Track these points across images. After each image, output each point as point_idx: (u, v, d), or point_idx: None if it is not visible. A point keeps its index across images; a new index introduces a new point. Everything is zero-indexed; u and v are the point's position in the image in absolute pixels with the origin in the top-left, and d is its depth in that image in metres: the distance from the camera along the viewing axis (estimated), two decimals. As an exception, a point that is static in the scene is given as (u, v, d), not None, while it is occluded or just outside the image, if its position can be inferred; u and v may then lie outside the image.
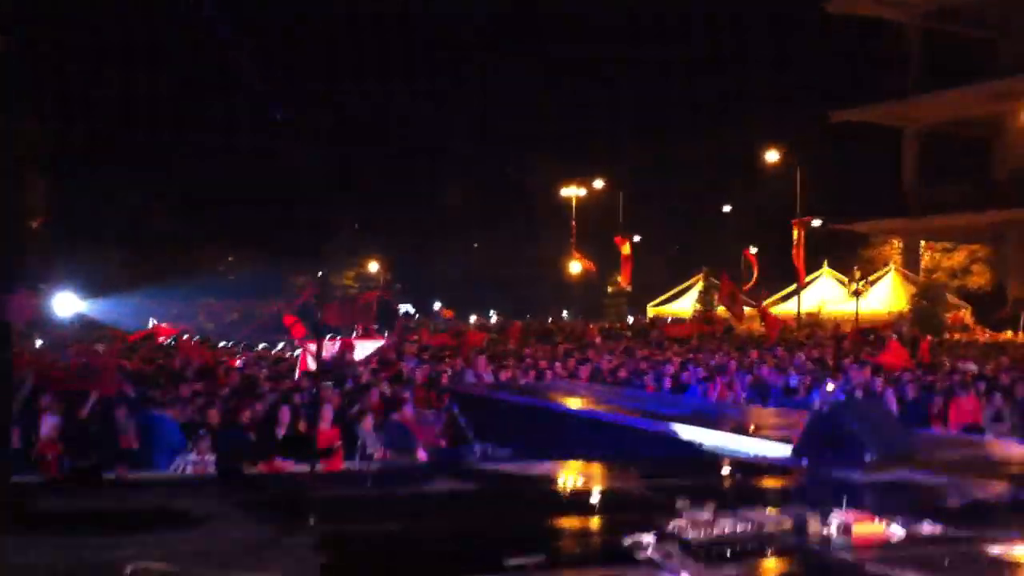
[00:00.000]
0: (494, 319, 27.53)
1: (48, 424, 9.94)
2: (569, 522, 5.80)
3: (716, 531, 5.10)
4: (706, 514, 5.38)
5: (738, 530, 5.16)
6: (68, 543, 4.78)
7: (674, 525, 5.17)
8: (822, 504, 5.65)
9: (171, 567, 4.33)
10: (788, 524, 5.27)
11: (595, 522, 5.74)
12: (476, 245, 52.67)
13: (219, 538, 4.93)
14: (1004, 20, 32.70)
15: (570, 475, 7.22)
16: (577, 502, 6.44)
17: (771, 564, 4.70)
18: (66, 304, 30.02)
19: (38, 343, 19.98)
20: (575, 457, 7.93)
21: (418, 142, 52.98)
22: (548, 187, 46.19)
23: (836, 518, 5.31)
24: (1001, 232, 33.25)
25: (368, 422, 11.22)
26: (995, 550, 4.96)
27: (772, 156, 38.84)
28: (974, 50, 35.33)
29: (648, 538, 4.92)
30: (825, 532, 5.16)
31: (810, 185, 33.89)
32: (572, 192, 42.81)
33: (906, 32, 36.19)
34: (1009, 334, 22.14)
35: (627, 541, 4.92)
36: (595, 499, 6.17)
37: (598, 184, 44.14)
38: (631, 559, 4.67)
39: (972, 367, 16.26)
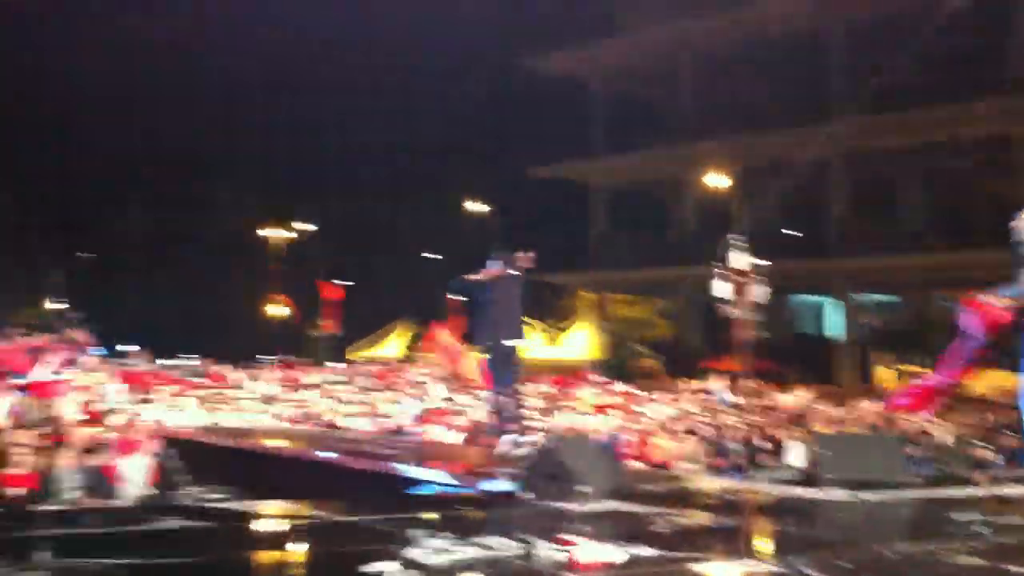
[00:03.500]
0: (193, 361, 26.61)
1: None
2: (307, 554, 5.85)
3: (454, 558, 5.32)
4: (442, 542, 5.60)
5: (474, 556, 5.41)
6: None
7: (413, 553, 5.36)
8: (549, 532, 6.03)
9: None
10: (520, 550, 5.57)
11: (333, 553, 5.80)
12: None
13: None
14: (678, 84, 35.15)
15: (298, 511, 7.22)
16: (312, 535, 6.48)
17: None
18: None
19: None
20: (298, 496, 7.91)
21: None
22: (245, 227, 45.59)
23: (563, 544, 5.69)
24: (677, 287, 35.69)
25: (65, 462, 10.66)
26: (700, 569, 5.50)
27: (474, 207, 40.21)
28: (655, 111, 37.74)
29: (390, 566, 5.07)
30: (554, 557, 5.50)
31: (511, 237, 35.17)
32: (275, 232, 42.45)
33: (591, 90, 38.22)
34: (694, 383, 23.94)
35: (368, 569, 5.05)
36: (330, 532, 6.21)
37: (300, 226, 43.98)
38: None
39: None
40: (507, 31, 38.40)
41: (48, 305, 38.29)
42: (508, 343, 10.73)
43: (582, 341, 33.85)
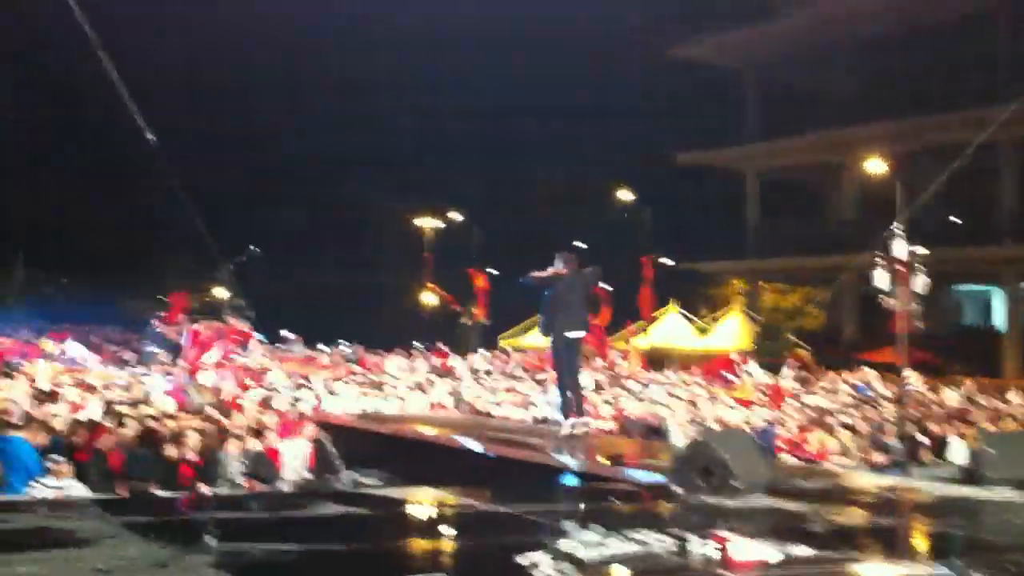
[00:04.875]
0: (347, 348, 27.26)
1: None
2: (459, 543, 5.94)
3: (607, 552, 5.32)
4: (595, 535, 5.60)
5: (628, 551, 5.40)
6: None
7: (566, 545, 5.38)
8: (702, 527, 5.97)
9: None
10: (673, 546, 5.53)
11: (486, 543, 5.87)
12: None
13: (115, 556, 4.87)
14: (835, 68, 34.27)
15: (451, 499, 7.33)
16: (465, 524, 6.58)
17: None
18: None
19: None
20: (450, 484, 8.03)
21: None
22: (398, 215, 46.48)
23: (717, 540, 5.62)
24: (833, 276, 34.84)
25: (231, 447, 11.09)
26: (858, 570, 5.35)
27: (622, 195, 39.99)
28: (811, 96, 36.92)
29: (543, 557, 5.10)
30: (708, 554, 5.44)
31: (655, 225, 34.93)
32: (426, 222, 43.02)
33: (744, 79, 37.69)
34: (848, 375, 23.35)
35: (521, 560, 5.10)
36: (482, 521, 6.29)
37: (453, 215, 44.48)
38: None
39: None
40: (658, 18, 38.07)
41: (215, 294, 39.91)
42: (570, 335, 11.52)
43: (733, 331, 33.27)
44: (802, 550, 5.58)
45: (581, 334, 11.81)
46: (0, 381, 14.93)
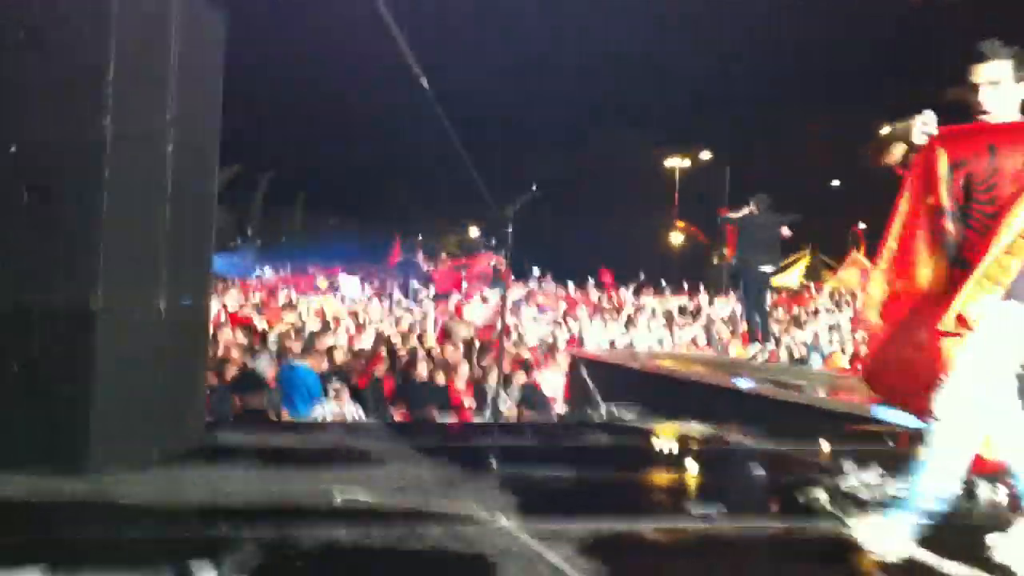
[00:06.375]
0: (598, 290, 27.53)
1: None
2: (736, 479, 5.97)
3: (888, 492, 5.21)
4: (873, 476, 5.50)
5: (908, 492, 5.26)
6: (268, 476, 5.07)
7: (846, 484, 5.32)
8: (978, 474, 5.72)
9: (375, 497, 4.60)
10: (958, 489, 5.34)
11: (761, 479, 5.87)
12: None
13: (408, 475, 5.20)
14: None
15: (717, 434, 7.35)
16: (735, 460, 6.60)
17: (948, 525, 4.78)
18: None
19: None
20: (712, 420, 8.02)
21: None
22: (651, 158, 46.12)
23: (1005, 485, 5.38)
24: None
25: (496, 380, 11.48)
26: None
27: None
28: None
29: (823, 494, 5.07)
30: (996, 498, 5.23)
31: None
32: (676, 163, 42.70)
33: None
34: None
35: (801, 497, 5.08)
36: (752, 458, 6.28)
37: (705, 156, 43.89)
38: (812, 512, 4.82)
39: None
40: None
41: (471, 233, 41.10)
42: (764, 269, 12.84)
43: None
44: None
45: (771, 268, 13.16)
46: (286, 313, 16.03)
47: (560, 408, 12.31)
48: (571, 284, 27.18)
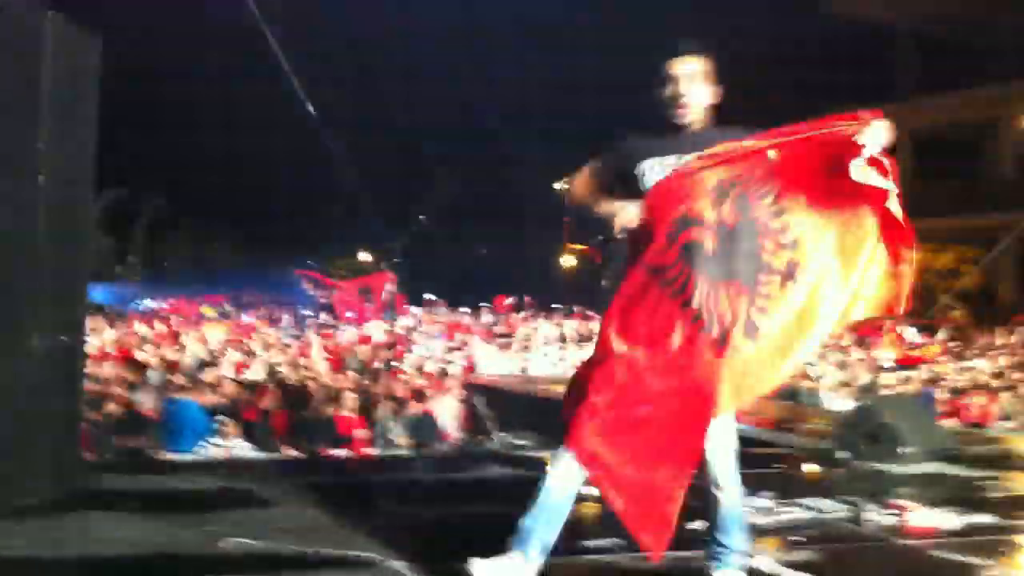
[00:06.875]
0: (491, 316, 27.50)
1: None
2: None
3: (780, 519, 5.24)
4: (767, 501, 5.52)
5: (801, 517, 5.30)
6: (152, 523, 4.85)
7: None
8: (875, 494, 5.83)
9: (265, 543, 4.43)
10: (847, 512, 5.41)
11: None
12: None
13: (298, 517, 5.03)
14: (994, 28, 32.88)
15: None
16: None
17: (838, 550, 4.82)
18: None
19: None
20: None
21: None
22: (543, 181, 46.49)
23: (892, 507, 5.48)
24: (989, 236, 33.60)
25: (389, 409, 11.32)
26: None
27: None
28: (967, 55, 35.47)
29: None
30: (884, 521, 5.31)
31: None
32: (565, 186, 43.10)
33: (901, 35, 36.46)
34: (1007, 336, 22.41)
35: (692, 526, 5.06)
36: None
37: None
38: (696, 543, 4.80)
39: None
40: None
41: (362, 256, 40.66)
42: None
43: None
44: (982, 517, 5.40)
45: None
46: (170, 344, 15.59)
47: (455, 436, 12.18)
48: (466, 310, 27.16)
